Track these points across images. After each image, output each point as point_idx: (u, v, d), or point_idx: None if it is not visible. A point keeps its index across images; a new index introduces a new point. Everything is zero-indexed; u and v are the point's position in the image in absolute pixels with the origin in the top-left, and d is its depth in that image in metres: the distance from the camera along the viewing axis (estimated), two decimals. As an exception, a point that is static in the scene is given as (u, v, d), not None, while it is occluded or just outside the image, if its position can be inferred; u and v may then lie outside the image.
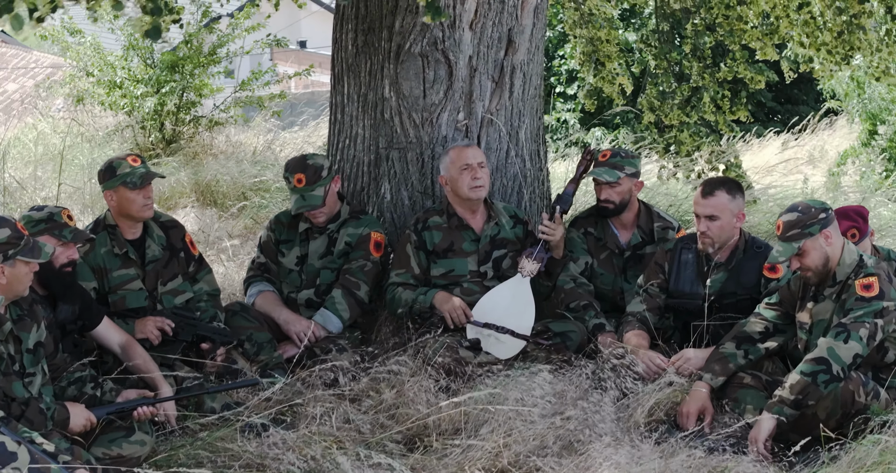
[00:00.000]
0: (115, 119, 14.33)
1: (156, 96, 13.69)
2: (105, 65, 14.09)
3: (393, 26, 7.79)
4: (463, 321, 7.31)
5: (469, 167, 7.45)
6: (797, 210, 6.46)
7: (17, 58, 32.67)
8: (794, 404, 6.16)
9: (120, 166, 7.08)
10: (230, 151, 14.07)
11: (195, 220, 10.90)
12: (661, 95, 13.53)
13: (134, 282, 7.12)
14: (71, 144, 12.76)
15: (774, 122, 27.63)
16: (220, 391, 6.55)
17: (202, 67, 14.15)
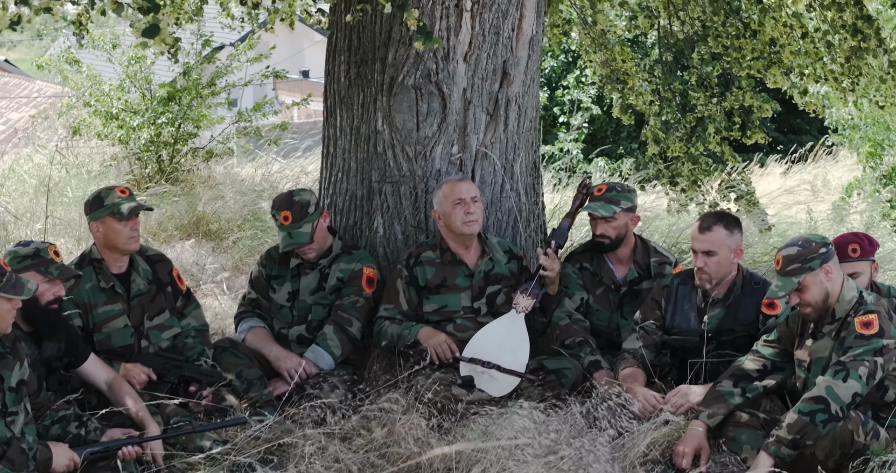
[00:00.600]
0: (111, 150, 14.23)
1: (152, 127, 13.59)
2: (101, 95, 14.01)
3: (386, 58, 7.69)
4: (448, 356, 7.20)
5: (462, 202, 7.34)
6: (797, 244, 6.34)
7: (19, 87, 32.72)
8: (792, 444, 6.03)
9: (108, 197, 6.99)
10: (228, 182, 13.97)
11: (190, 252, 10.78)
12: (666, 125, 13.42)
13: (119, 318, 7.02)
14: (65, 176, 12.66)
15: (777, 151, 27.49)
16: (207, 430, 6.42)
17: (200, 98, 14.06)
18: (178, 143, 13.87)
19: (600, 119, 29.98)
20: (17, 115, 28.29)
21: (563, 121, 30.42)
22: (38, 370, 6.13)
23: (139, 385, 6.78)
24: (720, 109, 13.26)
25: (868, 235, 7.23)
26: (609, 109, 29.21)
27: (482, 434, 6.47)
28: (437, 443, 6.40)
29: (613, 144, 29.95)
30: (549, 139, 30.33)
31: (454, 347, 7.24)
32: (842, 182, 21.57)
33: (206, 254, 10.79)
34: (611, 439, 6.54)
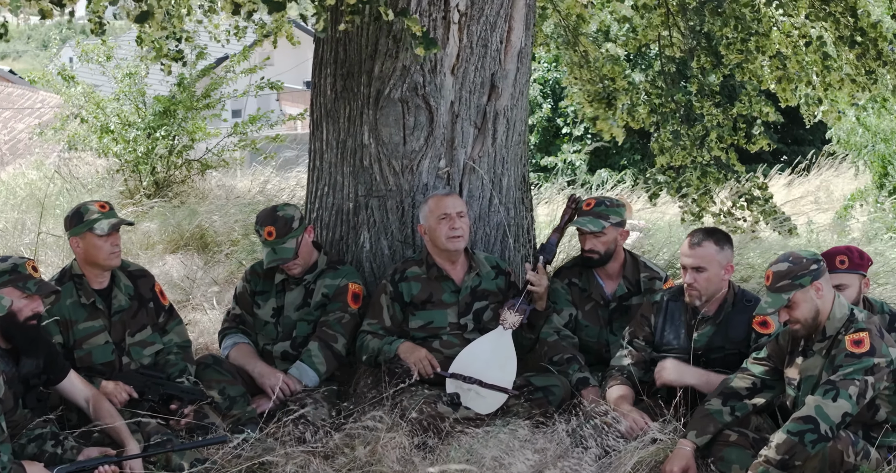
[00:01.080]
0: (106, 163, 14.15)
1: (147, 141, 13.51)
2: (97, 109, 13.93)
3: (372, 71, 7.61)
4: (429, 371, 7.11)
5: (447, 217, 7.25)
6: (788, 260, 6.25)
7: (23, 98, 32.70)
8: (781, 464, 5.93)
9: (87, 212, 6.89)
10: (223, 195, 13.89)
11: (180, 266, 10.68)
12: (674, 135, 13.36)
13: (100, 335, 6.91)
14: (59, 190, 12.58)
15: (780, 162, 27.40)
16: (186, 448, 6.32)
17: (195, 111, 13.98)
18: (173, 155, 13.75)
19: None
20: (22, 125, 28.29)
21: (566, 132, 30.33)
22: (14, 388, 6.04)
23: (120, 404, 6.66)
24: (727, 117, 13.19)
25: (859, 249, 7.13)
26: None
27: (467, 453, 6.37)
28: (420, 463, 6.31)
29: (617, 156, 29.87)
30: (553, 151, 30.29)
31: (435, 362, 7.16)
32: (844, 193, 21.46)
33: (197, 268, 10.67)
34: (597, 458, 6.47)
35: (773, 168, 24.43)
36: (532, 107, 30.79)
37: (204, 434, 6.69)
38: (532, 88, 30.72)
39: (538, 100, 30.83)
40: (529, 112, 29.89)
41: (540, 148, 30.79)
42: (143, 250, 11.31)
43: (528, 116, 8.14)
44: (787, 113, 16.09)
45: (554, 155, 30.09)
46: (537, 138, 30.70)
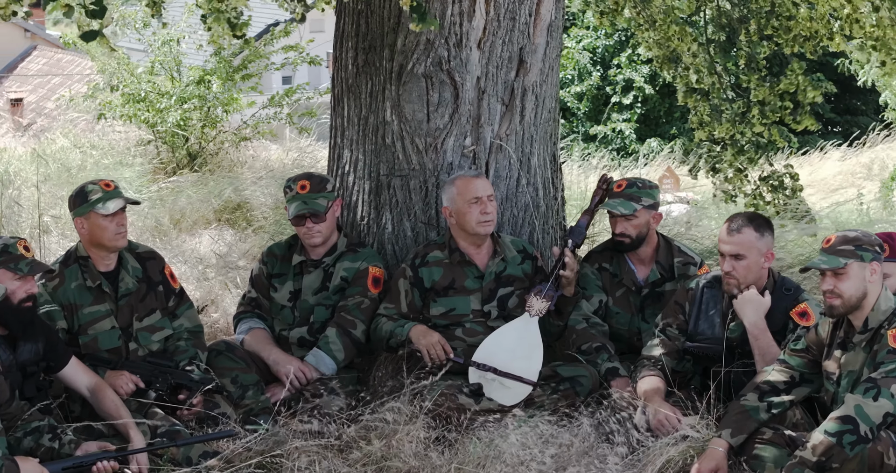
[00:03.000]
0: (138, 134, 13.91)
1: (179, 111, 13.24)
2: (131, 76, 13.68)
3: (395, 45, 7.29)
4: (442, 357, 6.81)
5: (478, 201, 6.94)
6: (857, 231, 5.98)
7: (72, 64, 32.65)
8: (817, 466, 5.59)
9: (91, 192, 6.63)
10: (258, 167, 13.63)
11: (209, 242, 10.42)
12: (713, 109, 13.04)
13: (106, 320, 6.66)
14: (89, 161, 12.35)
15: (834, 134, 26.98)
16: (192, 443, 6.07)
17: (231, 82, 13.71)
18: (207, 127, 13.48)
19: (653, 99, 29.53)
20: (70, 92, 28.24)
21: (615, 101, 29.99)
22: (11, 377, 5.80)
23: (126, 395, 6.40)
24: (773, 92, 12.85)
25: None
26: (661, 88, 28.87)
27: (486, 447, 6.10)
28: (437, 457, 6.04)
29: (667, 125, 29.50)
30: (602, 119, 30.00)
31: (448, 347, 6.85)
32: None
33: (226, 243, 10.41)
34: (623, 455, 6.16)
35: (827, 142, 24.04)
36: (582, 75, 30.45)
37: (214, 424, 6.47)
38: (582, 55, 30.40)
39: (588, 68, 30.48)
40: (580, 80, 29.70)
41: (589, 117, 30.47)
42: (174, 226, 11.06)
43: (558, 92, 7.82)
44: (840, 83, 15.70)
45: (603, 124, 29.76)
46: (586, 107, 30.36)
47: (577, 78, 30.49)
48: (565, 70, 30.49)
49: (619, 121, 29.65)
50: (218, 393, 6.67)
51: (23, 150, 13.50)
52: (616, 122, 29.67)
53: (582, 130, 30.26)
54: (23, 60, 38.14)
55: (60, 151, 12.87)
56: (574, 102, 30.43)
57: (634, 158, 23.53)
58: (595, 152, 24.51)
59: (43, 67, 35.61)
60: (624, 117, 29.70)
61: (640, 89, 29.59)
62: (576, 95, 30.42)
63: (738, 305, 6.53)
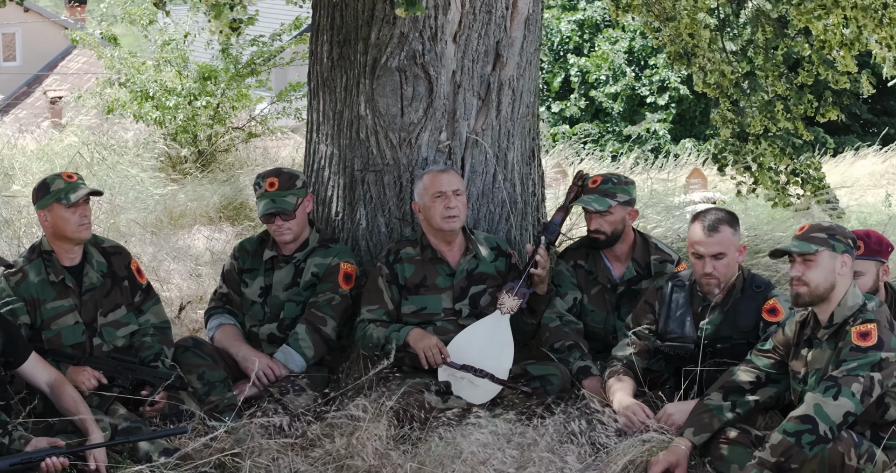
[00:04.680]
0: (146, 131, 13.88)
1: (188, 108, 13.20)
2: (138, 73, 13.66)
3: (369, 38, 7.19)
4: (438, 360, 6.70)
5: (443, 195, 6.83)
6: (832, 223, 5.93)
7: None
8: (776, 467, 5.50)
9: (54, 183, 6.55)
10: (268, 164, 13.56)
11: (205, 239, 10.36)
12: (735, 105, 12.92)
13: (69, 315, 6.58)
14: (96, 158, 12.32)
15: (872, 135, 26.71)
16: (143, 439, 5.99)
17: (240, 78, 13.66)
18: (217, 124, 13.44)
19: (689, 100, 29.35)
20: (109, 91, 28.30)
21: (650, 101, 29.82)
22: (-33, 373, 5.74)
23: (88, 391, 6.33)
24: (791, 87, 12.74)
25: (879, 233, 6.64)
26: (697, 89, 28.68)
27: (447, 446, 6.00)
28: (397, 456, 5.95)
29: (702, 125, 29.31)
30: (637, 120, 29.85)
31: (445, 351, 6.74)
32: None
33: (223, 240, 10.35)
34: (587, 455, 6.06)
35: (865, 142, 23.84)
36: (616, 75, 30.29)
37: (178, 421, 6.38)
38: (617, 56, 30.24)
39: (623, 68, 30.31)
40: (614, 81, 29.54)
41: (624, 117, 30.30)
42: (172, 223, 11.02)
43: (537, 87, 7.69)
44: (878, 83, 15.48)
45: (637, 124, 29.60)
46: (621, 107, 30.19)
47: (612, 78, 30.32)
48: (600, 70, 30.34)
49: (654, 121, 29.46)
50: (182, 390, 6.59)
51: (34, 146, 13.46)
52: (651, 122, 29.47)
53: (616, 130, 30.09)
54: (63, 58, 38.38)
55: (68, 149, 12.83)
56: (608, 102, 30.27)
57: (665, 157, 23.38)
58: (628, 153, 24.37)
59: (83, 66, 35.77)
60: (659, 118, 29.50)
61: (676, 90, 29.41)
62: (610, 95, 30.26)
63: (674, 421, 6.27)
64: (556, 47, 31.70)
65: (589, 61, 30.76)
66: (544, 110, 31.13)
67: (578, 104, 30.64)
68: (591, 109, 30.83)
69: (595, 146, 26.02)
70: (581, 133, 27.48)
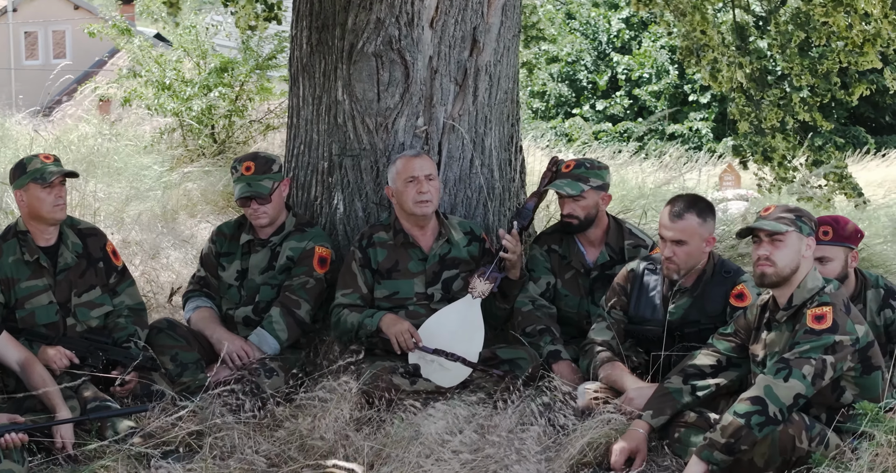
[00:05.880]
0: (163, 122, 13.95)
1: (204, 99, 13.26)
2: (156, 65, 13.75)
3: (346, 24, 7.25)
4: (410, 345, 6.71)
5: (415, 180, 6.85)
6: (797, 206, 5.93)
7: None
8: (726, 448, 5.46)
9: (30, 163, 6.64)
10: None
11: (210, 227, 10.42)
12: (749, 99, 12.89)
13: (43, 295, 6.65)
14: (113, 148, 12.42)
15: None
16: (103, 417, 6.08)
17: (261, 71, 13.72)
18: (234, 115, 13.50)
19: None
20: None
21: (693, 99, 29.69)
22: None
23: (60, 370, 6.41)
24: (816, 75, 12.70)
25: (848, 219, 6.59)
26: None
27: (408, 427, 6.01)
28: (354, 436, 5.97)
29: (745, 124, 29.12)
30: (679, 118, 29.75)
31: (417, 336, 6.75)
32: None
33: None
34: (547, 436, 6.07)
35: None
36: (659, 74, 30.20)
37: (149, 401, 6.43)
38: (660, 54, 30.15)
39: (665, 66, 30.21)
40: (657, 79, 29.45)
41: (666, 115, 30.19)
42: (181, 210, 11.10)
43: (516, 74, 7.72)
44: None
45: (680, 123, 29.48)
46: (664, 105, 30.08)
47: (655, 76, 30.22)
48: (643, 68, 30.26)
49: (696, 120, 29.33)
50: (154, 370, 6.65)
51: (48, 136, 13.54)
52: (693, 121, 29.35)
53: (659, 128, 29.98)
54: (112, 56, 38.58)
55: (83, 138, 12.90)
56: (651, 100, 30.18)
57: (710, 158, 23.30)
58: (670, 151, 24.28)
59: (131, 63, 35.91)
60: (701, 116, 29.37)
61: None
62: (653, 93, 30.17)
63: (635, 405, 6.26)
64: (602, 47, 31.66)
65: (633, 60, 30.68)
66: (588, 109, 31.08)
67: (622, 103, 30.56)
68: (634, 108, 30.75)
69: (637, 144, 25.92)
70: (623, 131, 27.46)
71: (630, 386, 6.34)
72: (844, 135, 28.03)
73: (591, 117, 30.74)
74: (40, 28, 40.22)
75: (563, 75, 31.70)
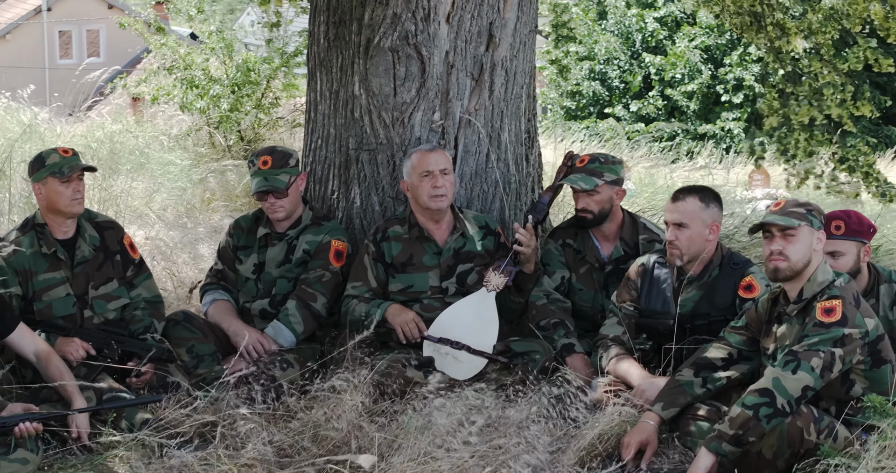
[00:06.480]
0: (190, 119, 14.03)
1: (231, 96, 13.33)
2: (183, 63, 13.83)
3: (363, 19, 7.29)
4: (416, 335, 6.77)
5: (430, 174, 6.89)
6: (807, 200, 5.91)
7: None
8: (734, 440, 5.46)
9: (49, 157, 6.70)
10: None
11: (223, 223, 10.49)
12: (781, 94, 12.85)
13: (60, 287, 6.71)
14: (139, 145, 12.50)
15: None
16: (117, 407, 6.11)
17: (287, 68, 13.79)
18: (261, 112, 13.57)
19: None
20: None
21: (725, 100, 29.60)
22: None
23: (76, 361, 6.47)
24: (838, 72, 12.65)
25: (860, 214, 6.59)
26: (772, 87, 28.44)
27: (419, 417, 6.03)
28: (368, 427, 5.99)
29: (776, 124, 29.00)
30: (711, 118, 29.67)
31: (422, 325, 6.81)
32: None
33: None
34: (559, 429, 6.09)
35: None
36: (692, 73, 30.12)
37: (165, 392, 6.48)
38: (693, 54, 30.07)
39: (698, 66, 30.13)
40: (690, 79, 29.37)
41: (699, 115, 30.12)
42: (199, 205, 11.16)
43: (533, 69, 7.74)
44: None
45: (712, 123, 29.40)
46: (696, 105, 30.00)
47: (688, 76, 30.15)
48: (675, 68, 30.19)
49: (729, 120, 29.24)
50: (170, 362, 6.71)
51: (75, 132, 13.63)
52: (725, 121, 29.26)
53: (692, 128, 29.92)
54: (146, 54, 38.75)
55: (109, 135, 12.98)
56: (684, 100, 30.10)
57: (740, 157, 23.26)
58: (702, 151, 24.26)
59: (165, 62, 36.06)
60: (733, 116, 29.28)
61: (751, 88, 29.17)
62: (686, 93, 30.09)
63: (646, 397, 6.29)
64: (636, 47, 31.60)
65: (665, 60, 30.62)
66: (621, 108, 31.03)
67: (655, 103, 30.49)
68: (666, 108, 30.68)
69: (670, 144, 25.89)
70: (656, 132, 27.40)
71: (638, 379, 6.37)
72: (877, 134, 27.92)
73: (625, 117, 30.67)
74: (74, 27, 40.41)
75: (596, 75, 31.65)
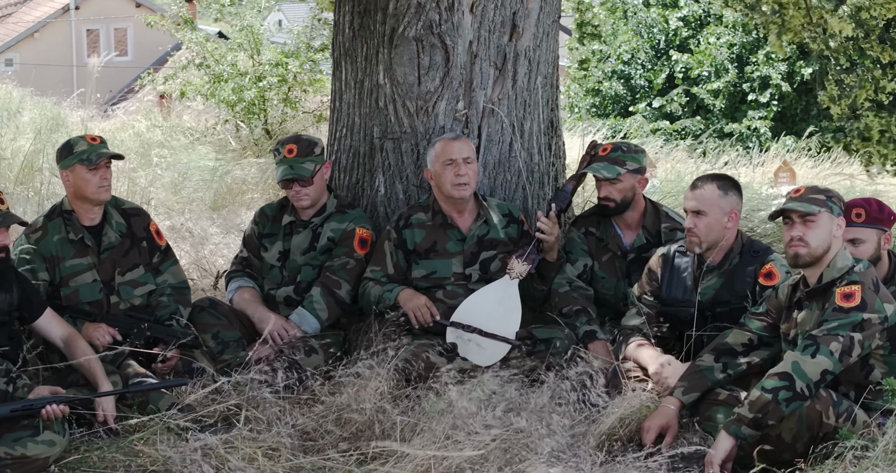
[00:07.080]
0: (217, 113, 14.11)
1: (254, 88, 13.40)
2: (211, 57, 13.92)
3: (387, 8, 7.35)
4: (428, 320, 6.85)
5: (453, 163, 6.94)
6: (826, 187, 5.97)
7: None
8: (754, 423, 5.51)
9: (77, 144, 6.77)
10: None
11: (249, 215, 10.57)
12: (839, 84, 12.89)
13: (87, 273, 6.79)
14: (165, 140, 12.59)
15: None
16: (142, 390, 6.19)
17: (313, 62, 13.86)
18: (287, 106, 13.64)
19: (790, 97, 28.98)
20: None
21: (752, 98, 29.50)
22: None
23: (102, 346, 6.54)
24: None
25: (880, 201, 6.61)
26: (798, 86, 28.39)
27: (441, 401, 6.09)
28: (391, 410, 6.07)
29: (803, 123, 28.93)
30: (738, 117, 29.57)
31: (434, 310, 6.89)
32: None
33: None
34: (579, 413, 6.14)
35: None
36: (719, 72, 30.04)
37: (191, 377, 6.55)
38: (720, 52, 29.99)
39: (725, 65, 30.04)
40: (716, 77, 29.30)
41: (725, 114, 30.02)
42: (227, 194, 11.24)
43: (556, 58, 7.78)
44: None
45: (738, 121, 29.31)
46: (722, 103, 29.91)
47: (714, 75, 30.07)
48: (702, 67, 30.12)
49: (755, 118, 29.14)
50: (195, 348, 6.77)
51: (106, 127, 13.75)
52: (752, 119, 29.16)
53: (718, 127, 29.83)
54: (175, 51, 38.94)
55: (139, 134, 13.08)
56: (710, 98, 30.03)
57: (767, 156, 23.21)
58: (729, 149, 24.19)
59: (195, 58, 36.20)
60: (760, 115, 29.18)
61: (777, 87, 29.07)
62: (712, 91, 30.01)
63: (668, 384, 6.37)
64: (660, 46, 31.53)
65: (692, 58, 30.54)
66: (645, 107, 30.97)
67: (679, 100, 30.41)
68: (691, 106, 30.59)
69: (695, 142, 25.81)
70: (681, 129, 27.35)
71: (650, 360, 6.46)
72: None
73: (648, 115, 30.60)
74: (102, 25, 40.62)
75: (618, 74, 31.60)
